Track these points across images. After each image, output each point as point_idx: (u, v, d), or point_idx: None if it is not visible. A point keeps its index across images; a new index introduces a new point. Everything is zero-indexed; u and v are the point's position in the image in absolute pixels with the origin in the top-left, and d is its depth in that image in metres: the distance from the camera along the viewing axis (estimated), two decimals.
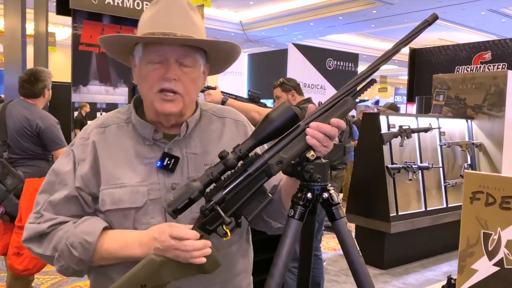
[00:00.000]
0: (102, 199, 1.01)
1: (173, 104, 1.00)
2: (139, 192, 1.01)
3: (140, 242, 0.96)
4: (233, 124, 1.15)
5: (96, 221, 1.01)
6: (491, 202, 1.04)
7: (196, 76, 1.03)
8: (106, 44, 1.06)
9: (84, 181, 1.02)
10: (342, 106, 0.94)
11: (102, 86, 4.40)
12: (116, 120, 1.08)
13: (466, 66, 7.36)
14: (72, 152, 1.06)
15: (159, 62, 0.99)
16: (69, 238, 0.98)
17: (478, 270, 1.07)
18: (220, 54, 1.08)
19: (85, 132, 1.08)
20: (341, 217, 0.99)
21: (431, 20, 0.96)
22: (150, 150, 1.04)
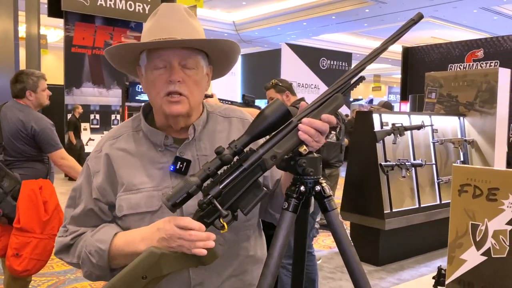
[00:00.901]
0: (120, 205, 1.06)
1: (180, 105, 1.04)
2: (154, 196, 1.05)
3: (142, 237, 1.00)
4: (240, 123, 1.18)
5: (109, 229, 1.06)
6: (478, 194, 1.07)
7: (199, 78, 1.07)
8: (112, 56, 1.10)
9: (100, 192, 1.08)
10: (333, 103, 0.98)
11: (96, 88, 4.40)
12: (126, 129, 1.14)
13: (459, 64, 7.40)
14: (87, 166, 1.12)
15: (163, 67, 1.03)
16: (87, 246, 1.05)
17: (466, 260, 1.10)
18: (221, 54, 1.12)
19: (98, 145, 1.14)
20: (333, 209, 1.03)
21: (417, 19, 0.99)
22: (162, 155, 1.09)
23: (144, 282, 0.95)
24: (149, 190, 1.06)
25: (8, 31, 4.31)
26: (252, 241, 1.17)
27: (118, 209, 1.07)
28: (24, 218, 2.69)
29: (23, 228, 2.68)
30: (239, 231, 1.06)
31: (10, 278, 2.87)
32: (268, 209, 1.19)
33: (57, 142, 2.94)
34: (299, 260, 1.12)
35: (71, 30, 4.02)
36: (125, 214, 1.06)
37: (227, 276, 1.10)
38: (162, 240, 0.96)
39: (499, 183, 1.05)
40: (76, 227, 1.10)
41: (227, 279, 1.10)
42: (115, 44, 1.08)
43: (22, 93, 2.94)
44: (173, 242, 0.94)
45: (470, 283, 1.10)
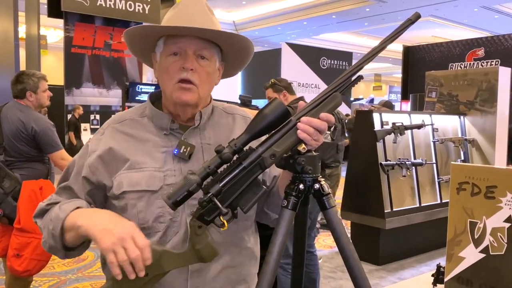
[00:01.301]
0: (120, 182, 1.06)
1: (189, 93, 1.06)
2: (156, 176, 1.06)
3: (90, 216, 0.99)
4: (242, 120, 1.20)
5: (77, 202, 1.06)
6: (477, 192, 1.09)
7: (211, 70, 1.09)
8: (132, 38, 1.12)
9: (91, 169, 1.08)
10: (331, 102, 0.99)
11: (96, 89, 4.40)
12: (131, 115, 1.15)
13: (459, 63, 7.40)
14: (87, 145, 1.13)
15: (179, 54, 1.06)
16: (52, 213, 1.06)
17: (465, 258, 1.11)
18: (235, 51, 1.14)
19: (102, 128, 1.15)
20: (332, 207, 1.04)
21: (414, 18, 1.01)
22: (167, 140, 1.10)
23: (145, 280, 0.95)
24: (151, 170, 1.07)
25: (8, 32, 4.31)
26: (250, 233, 1.18)
27: (118, 186, 1.06)
28: (24, 219, 2.70)
29: (24, 228, 2.69)
30: (239, 220, 1.06)
31: (11, 278, 2.88)
32: (264, 209, 1.20)
33: (58, 143, 2.95)
34: (298, 258, 1.13)
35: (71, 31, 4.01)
36: (124, 191, 1.06)
37: (224, 266, 1.10)
38: (108, 233, 0.91)
39: (497, 181, 1.06)
40: (58, 197, 1.11)
41: (224, 269, 1.10)
42: (135, 26, 1.09)
43: (22, 94, 2.95)
44: (113, 244, 0.90)
45: (469, 280, 1.11)
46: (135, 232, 0.92)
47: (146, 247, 0.91)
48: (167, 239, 1.05)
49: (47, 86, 3.07)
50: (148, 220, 1.05)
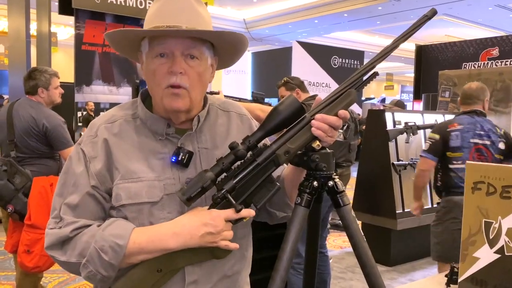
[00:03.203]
0: (117, 194, 0.98)
1: (180, 100, 0.99)
2: (156, 186, 1.00)
3: (175, 232, 0.95)
4: (238, 118, 1.17)
5: (125, 223, 0.97)
6: (492, 192, 1.08)
7: (202, 70, 1.02)
8: (112, 40, 1.05)
9: (99, 179, 0.99)
10: (346, 98, 0.98)
11: (106, 86, 4.40)
12: (123, 115, 1.07)
13: (473, 62, 7.30)
14: (81, 151, 1.02)
15: (165, 56, 0.98)
16: (97, 242, 0.93)
17: (479, 258, 1.11)
18: (227, 46, 1.07)
19: (92, 129, 1.05)
20: (346, 204, 1.04)
21: (430, 15, 1.01)
22: (163, 145, 1.04)
23: (159, 275, 0.96)
24: (150, 180, 1.00)
25: (20, 29, 4.33)
26: (249, 241, 1.16)
27: (116, 198, 0.98)
28: (35, 215, 2.71)
29: (34, 224, 2.70)
30: (238, 229, 1.04)
31: (21, 274, 2.90)
32: (266, 207, 1.17)
33: (69, 140, 2.96)
34: (311, 257, 1.13)
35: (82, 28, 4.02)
36: (123, 204, 0.98)
37: (221, 276, 1.07)
38: (208, 235, 0.95)
39: None
40: (73, 218, 0.97)
41: (221, 279, 1.07)
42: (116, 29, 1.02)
43: (34, 90, 2.96)
44: (218, 236, 0.95)
45: (483, 281, 1.10)
46: (222, 215, 0.95)
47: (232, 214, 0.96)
48: None
49: (59, 83, 3.08)
50: None
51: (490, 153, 2.86)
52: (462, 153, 2.82)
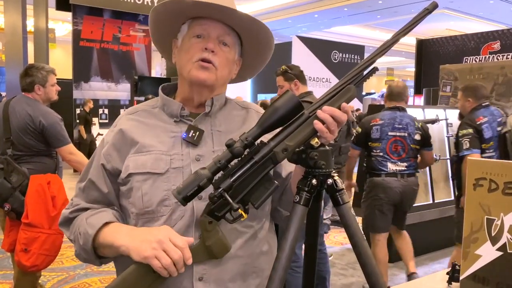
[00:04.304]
0: (126, 165, 1.06)
1: (207, 72, 1.05)
2: (162, 159, 1.05)
3: (128, 233, 1.00)
4: (256, 115, 1.18)
5: (105, 215, 1.06)
6: (494, 188, 1.06)
7: (231, 57, 1.10)
8: (158, 15, 1.10)
9: (105, 157, 1.09)
10: (345, 94, 0.97)
11: (104, 82, 4.37)
12: (144, 106, 1.17)
13: (474, 56, 7.26)
14: (103, 139, 1.15)
15: (202, 36, 1.06)
16: (80, 227, 1.06)
17: (481, 256, 1.09)
18: (255, 43, 1.13)
19: (115, 122, 1.17)
20: (345, 202, 1.03)
21: (431, 8, 0.99)
22: (177, 126, 1.10)
23: (155, 276, 0.95)
24: (158, 153, 1.06)
25: (17, 25, 4.30)
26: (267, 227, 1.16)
27: (125, 169, 1.06)
28: (32, 213, 2.69)
29: (32, 223, 2.68)
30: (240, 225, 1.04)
31: (19, 273, 2.88)
32: (277, 207, 1.18)
33: (66, 137, 2.93)
34: (310, 255, 1.12)
35: (79, 24, 3.98)
36: (130, 173, 1.05)
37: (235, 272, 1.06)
38: (146, 242, 0.94)
39: None
40: (80, 200, 1.12)
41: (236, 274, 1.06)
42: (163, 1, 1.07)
43: (30, 87, 2.93)
44: (154, 250, 0.93)
45: (485, 279, 1.09)
46: (171, 233, 0.95)
47: (186, 245, 0.94)
48: (172, 223, 1.02)
49: (56, 80, 3.05)
50: (153, 203, 1.03)
51: (406, 143, 3.34)
52: (380, 143, 3.35)
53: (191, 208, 1.02)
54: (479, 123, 3.14)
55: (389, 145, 3.34)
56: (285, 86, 3.11)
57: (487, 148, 3.12)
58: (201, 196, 1.00)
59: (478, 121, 3.15)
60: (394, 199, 3.36)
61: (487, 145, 3.13)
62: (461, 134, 3.19)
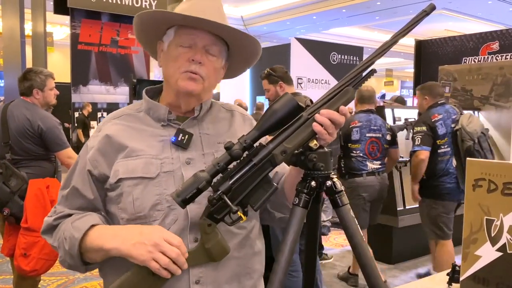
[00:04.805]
0: (115, 170, 1.04)
1: (195, 83, 1.05)
2: (153, 163, 1.04)
3: (115, 234, 0.98)
4: (240, 117, 1.21)
5: (90, 218, 1.04)
6: (493, 189, 1.07)
7: (218, 66, 1.10)
8: (142, 22, 1.09)
9: (91, 163, 1.06)
10: (344, 96, 0.98)
11: (103, 86, 4.37)
12: (128, 111, 1.15)
13: (473, 57, 7.25)
14: (86, 145, 1.12)
15: (189, 46, 1.05)
16: (65, 231, 1.04)
17: (481, 256, 1.10)
18: (242, 52, 1.14)
19: (99, 126, 1.15)
20: (344, 204, 1.04)
21: (429, 10, 1.00)
22: (164, 130, 1.09)
23: (153, 279, 0.95)
24: (148, 157, 1.05)
25: (14, 29, 4.31)
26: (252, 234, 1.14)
27: (114, 174, 1.04)
28: (31, 218, 2.68)
29: (31, 227, 2.68)
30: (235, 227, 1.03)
31: (19, 278, 2.88)
32: (267, 208, 1.18)
33: (64, 141, 2.93)
34: (310, 257, 1.13)
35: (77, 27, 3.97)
36: (120, 178, 1.03)
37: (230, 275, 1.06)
38: (140, 245, 0.93)
39: None
40: (63, 207, 1.09)
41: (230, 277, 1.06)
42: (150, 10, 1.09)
43: (29, 91, 2.93)
44: (150, 253, 0.92)
45: (485, 280, 1.09)
46: (165, 233, 0.94)
47: (181, 243, 0.94)
48: (166, 227, 1.01)
49: (54, 84, 3.05)
50: (145, 208, 1.02)
51: (381, 143, 3.60)
52: (359, 144, 3.53)
53: (185, 211, 1.02)
54: (434, 120, 3.32)
55: (367, 145, 3.56)
56: (271, 89, 3.13)
57: (442, 144, 3.32)
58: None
59: (433, 119, 3.33)
60: (373, 196, 3.55)
61: (441, 141, 3.32)
62: (415, 131, 3.37)
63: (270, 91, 3.13)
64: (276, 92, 3.10)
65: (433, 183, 3.38)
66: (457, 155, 3.33)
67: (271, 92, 3.13)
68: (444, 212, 3.39)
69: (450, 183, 3.36)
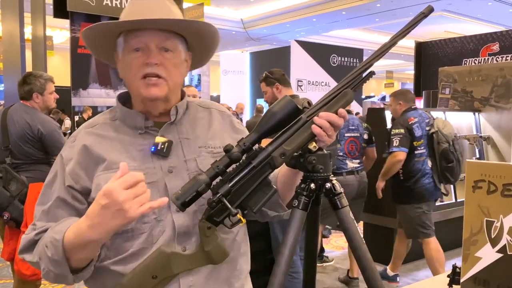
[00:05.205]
0: (98, 184, 0.99)
1: (157, 88, 1.01)
2: None
3: (88, 224, 0.89)
4: (219, 114, 1.17)
5: (70, 220, 0.98)
6: (493, 190, 1.07)
7: (178, 61, 1.05)
8: (89, 38, 1.06)
9: (72, 177, 1.02)
10: (342, 98, 0.98)
11: (102, 89, 4.37)
12: (103, 119, 1.10)
13: (473, 58, 7.26)
14: (60, 156, 1.06)
15: (141, 49, 1.01)
16: (44, 239, 0.97)
17: (482, 258, 1.10)
18: (199, 39, 1.08)
19: (72, 136, 1.10)
20: (344, 206, 1.04)
21: (427, 12, 1.01)
22: (142, 138, 1.05)
23: (154, 282, 0.95)
24: (130, 169, 0.96)
25: (14, 33, 4.32)
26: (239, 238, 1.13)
27: (96, 188, 0.98)
28: (31, 222, 2.68)
29: None
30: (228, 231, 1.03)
31: (19, 282, 2.87)
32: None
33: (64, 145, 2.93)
34: (310, 260, 1.13)
35: (77, 31, 3.97)
36: None
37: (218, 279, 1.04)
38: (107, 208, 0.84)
39: None
40: (44, 222, 1.01)
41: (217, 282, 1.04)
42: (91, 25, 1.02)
43: (29, 95, 2.93)
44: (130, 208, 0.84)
45: (486, 281, 1.08)
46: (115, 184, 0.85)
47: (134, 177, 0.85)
48: (154, 239, 0.99)
49: (54, 88, 3.05)
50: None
51: (359, 142, 3.71)
52: (340, 144, 3.61)
53: (171, 222, 1.00)
54: (411, 123, 3.44)
55: (347, 145, 3.66)
56: (268, 91, 3.15)
57: (419, 146, 3.44)
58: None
59: (410, 122, 3.44)
60: (352, 194, 3.60)
61: (418, 142, 3.43)
62: (393, 133, 3.45)
63: (268, 93, 3.15)
64: (273, 94, 3.12)
65: (412, 186, 3.47)
66: (432, 157, 3.48)
67: (268, 94, 3.16)
68: (427, 210, 3.52)
69: (429, 183, 3.48)
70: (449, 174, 3.47)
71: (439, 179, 3.48)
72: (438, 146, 3.44)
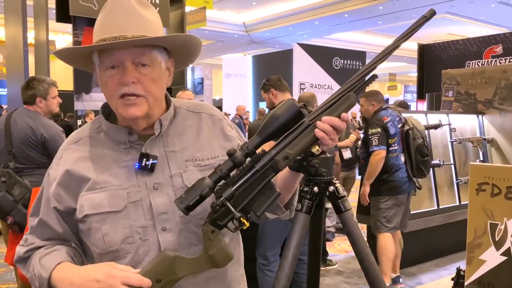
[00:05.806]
0: (81, 205, 1.00)
1: (136, 107, 0.98)
2: (119, 195, 1.00)
3: (72, 282, 0.94)
4: (209, 119, 1.13)
5: (57, 255, 1.00)
6: (497, 193, 1.06)
7: (156, 75, 1.00)
8: (64, 58, 1.06)
9: (55, 198, 1.03)
10: (345, 102, 0.98)
11: None
12: (87, 132, 1.08)
13: (477, 60, 7.23)
14: (48, 174, 1.07)
15: (116, 67, 0.97)
16: (35, 268, 1.02)
17: (486, 261, 1.10)
18: (178, 48, 1.06)
19: (59, 152, 1.09)
20: (347, 210, 1.05)
21: (429, 15, 1.01)
22: (126, 153, 1.03)
23: (158, 286, 0.95)
24: (113, 189, 1.00)
25: (17, 38, 4.34)
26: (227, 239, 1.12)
27: (80, 209, 1.00)
28: None
29: None
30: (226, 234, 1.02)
31: (22, 286, 2.87)
32: None
33: None
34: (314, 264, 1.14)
35: (80, 35, 3.97)
36: (87, 214, 0.99)
37: (206, 278, 1.03)
38: (95, 282, 0.90)
39: None
40: (34, 238, 1.06)
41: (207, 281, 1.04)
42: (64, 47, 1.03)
43: (32, 100, 2.95)
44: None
45: (490, 284, 1.08)
46: (119, 277, 0.90)
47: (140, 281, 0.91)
48: (140, 259, 0.99)
49: (57, 92, 3.06)
50: (116, 243, 0.99)
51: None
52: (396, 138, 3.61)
53: (156, 242, 1.00)
54: (385, 122, 3.56)
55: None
56: (265, 97, 3.25)
57: (393, 143, 3.57)
58: (165, 227, 0.98)
59: (384, 120, 3.57)
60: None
61: (392, 140, 3.57)
62: (371, 133, 3.56)
63: (266, 99, 3.25)
64: (269, 100, 3.21)
65: (387, 178, 3.59)
66: (407, 152, 3.62)
67: (266, 101, 3.26)
68: (396, 204, 3.60)
69: (402, 177, 3.60)
70: (423, 167, 3.62)
71: (413, 172, 3.61)
72: (413, 141, 3.60)
